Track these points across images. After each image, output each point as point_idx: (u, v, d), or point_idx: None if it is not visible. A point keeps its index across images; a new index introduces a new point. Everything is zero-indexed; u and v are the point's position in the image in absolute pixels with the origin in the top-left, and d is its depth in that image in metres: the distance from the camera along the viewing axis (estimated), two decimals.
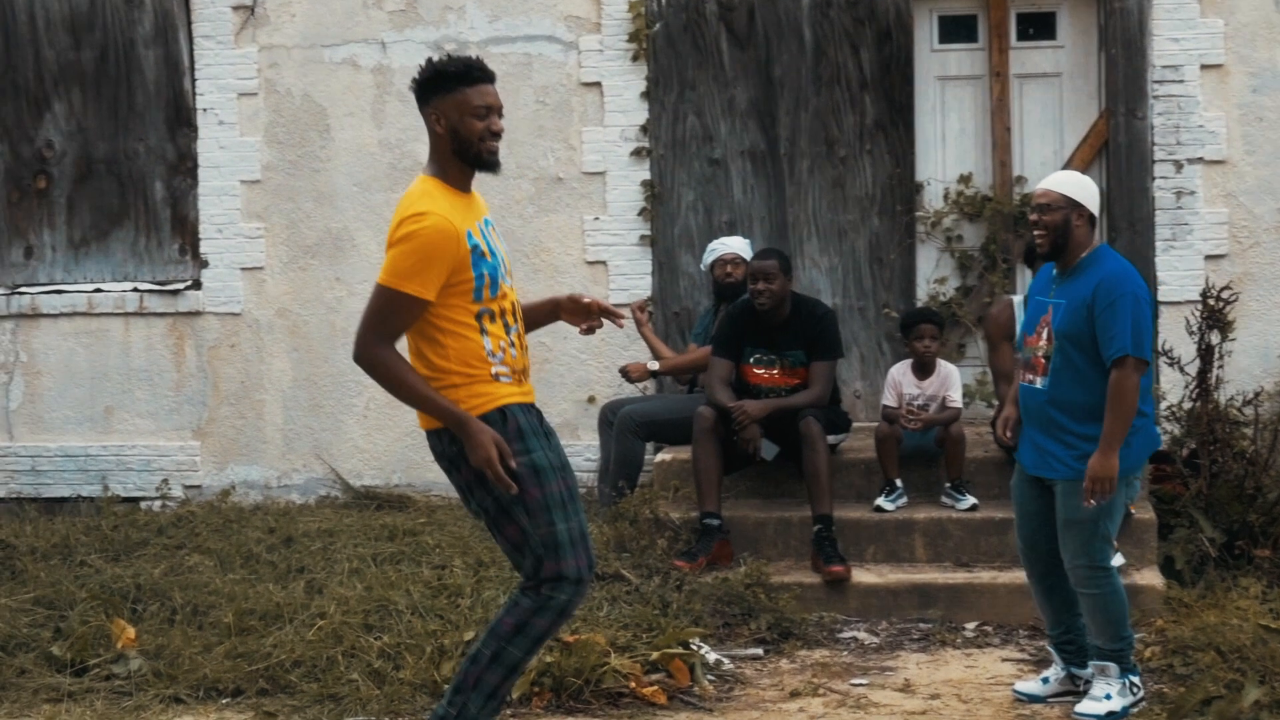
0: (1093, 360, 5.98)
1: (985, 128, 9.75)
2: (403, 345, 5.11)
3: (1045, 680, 6.44)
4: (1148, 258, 9.32)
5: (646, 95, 9.82)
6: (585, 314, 5.63)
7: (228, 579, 7.77)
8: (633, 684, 6.51)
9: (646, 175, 9.83)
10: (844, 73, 9.70)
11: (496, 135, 5.21)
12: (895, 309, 9.60)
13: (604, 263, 9.89)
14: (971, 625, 7.56)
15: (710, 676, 6.76)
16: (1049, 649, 6.53)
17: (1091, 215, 6.14)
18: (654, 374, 9.23)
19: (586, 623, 7.03)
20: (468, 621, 6.98)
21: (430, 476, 9.86)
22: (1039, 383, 6.12)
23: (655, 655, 6.66)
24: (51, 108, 10.30)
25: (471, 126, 5.14)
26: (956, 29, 9.83)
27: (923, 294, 9.71)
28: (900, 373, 8.44)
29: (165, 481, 10.10)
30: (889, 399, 8.39)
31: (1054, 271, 6.23)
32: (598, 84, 9.87)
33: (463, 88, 5.14)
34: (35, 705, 6.50)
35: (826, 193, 9.77)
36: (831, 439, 8.28)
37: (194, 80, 10.17)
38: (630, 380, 9.26)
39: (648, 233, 9.84)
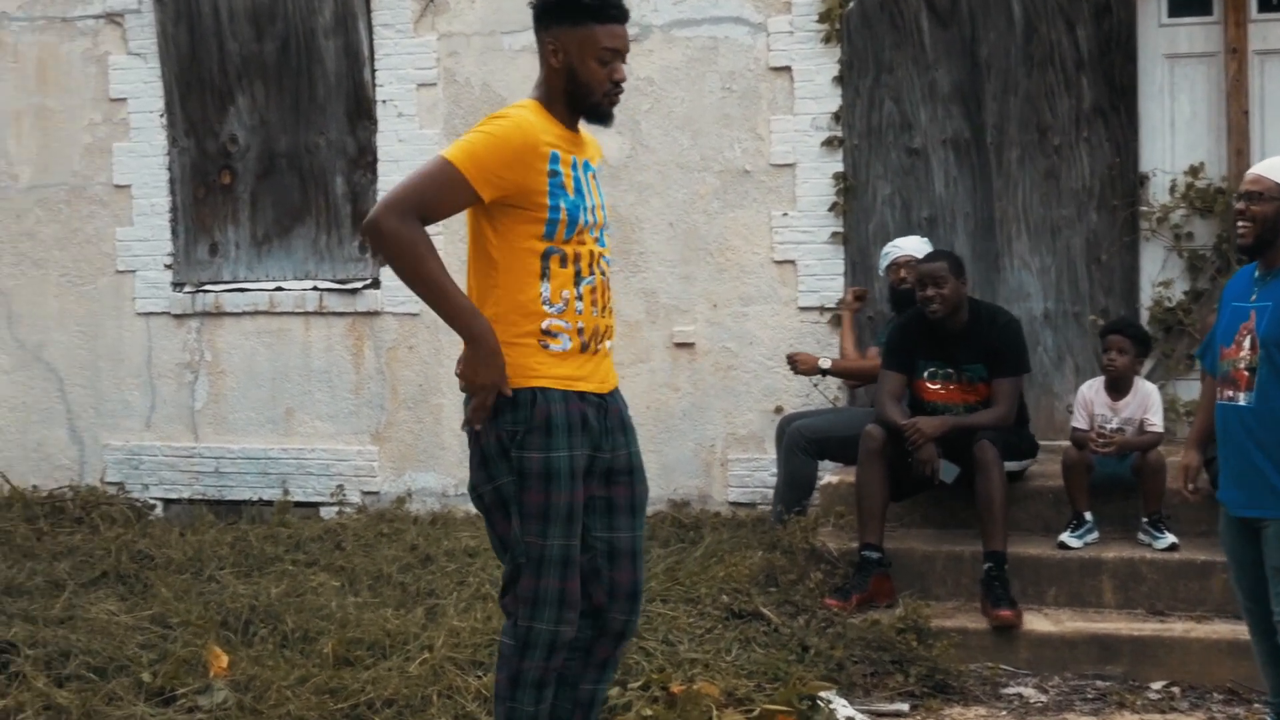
0: None
1: (1219, 111, 8.61)
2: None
3: None
4: None
5: (840, 80, 9.02)
6: None
7: (347, 602, 7.32)
8: None
9: (839, 167, 9.03)
10: (1058, 51, 8.74)
11: (618, 84, 4.54)
12: (1115, 315, 8.61)
13: (793, 262, 9.13)
14: (1158, 685, 6.57)
15: None
16: (1268, 709, 5.55)
17: None
18: (823, 372, 8.40)
19: (708, 669, 6.34)
20: None
21: None
22: (1241, 399, 5.13)
23: (765, 711, 5.94)
24: (235, 101, 10.04)
25: (592, 71, 4.50)
26: (1189, 2, 8.73)
27: (1146, 299, 8.66)
28: (1092, 391, 7.44)
29: (340, 488, 9.76)
30: (1078, 420, 7.42)
31: (1255, 273, 5.26)
32: (787, 68, 9.11)
33: (592, 24, 4.48)
34: None
35: (1038, 185, 8.82)
36: (1014, 465, 7.38)
37: (374, 71, 9.78)
38: (796, 371, 8.43)
39: (840, 230, 9.04)
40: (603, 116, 4.60)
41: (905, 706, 6.37)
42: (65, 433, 10.40)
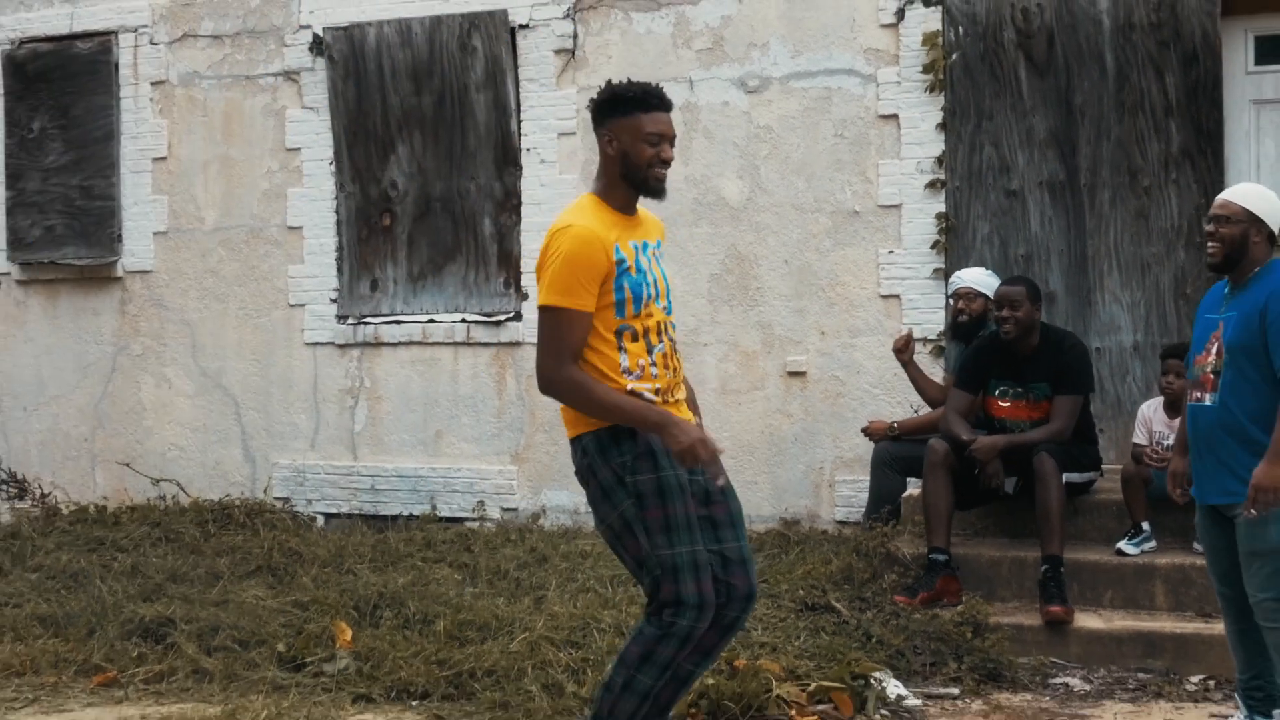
0: (1266, 374, 5.60)
1: None
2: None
3: None
4: None
5: (943, 126, 9.66)
6: None
7: (465, 593, 8.12)
8: (793, 712, 6.44)
9: (942, 208, 9.66)
10: (1148, 98, 9.26)
11: (666, 163, 5.28)
12: None
13: (897, 296, 9.76)
14: (1196, 678, 7.06)
15: (884, 710, 6.61)
16: (1236, 695, 6.07)
17: (1271, 232, 5.76)
18: (893, 438, 8.94)
19: (775, 651, 6.98)
20: None
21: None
22: (1207, 399, 5.76)
23: (824, 685, 6.57)
24: (396, 150, 11.00)
25: (642, 151, 5.22)
26: (1276, 49, 9.20)
27: None
28: (1151, 410, 7.97)
29: (481, 504, 10.59)
30: (1139, 437, 7.95)
31: (1226, 289, 5.84)
32: (895, 116, 9.78)
33: (638, 113, 5.24)
34: (248, 694, 6.99)
35: (1129, 225, 9.34)
36: (1077, 477, 7.92)
37: (519, 121, 10.67)
38: (873, 440, 9.04)
39: (942, 266, 9.64)
40: (655, 192, 5.31)
41: (956, 690, 6.94)
42: (240, 452, 11.42)
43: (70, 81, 11.86)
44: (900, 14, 9.70)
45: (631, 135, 5.22)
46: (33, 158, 11.97)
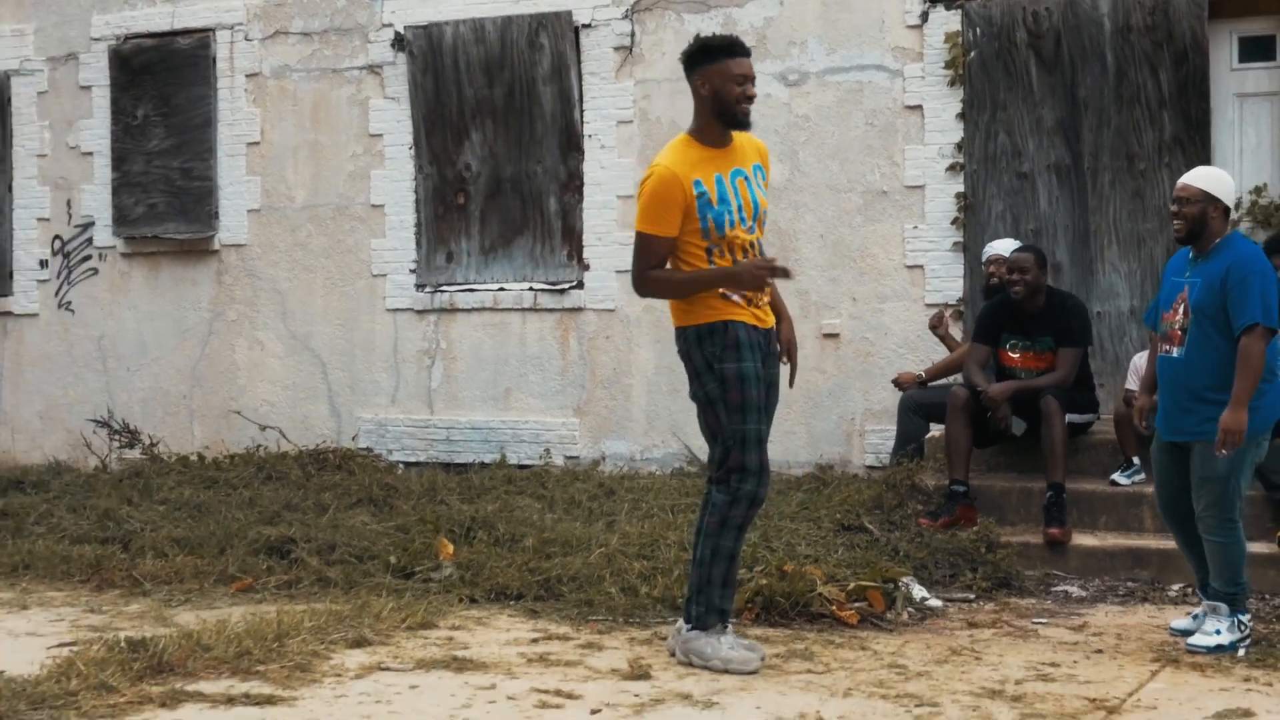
0: (1225, 333, 6.77)
1: None
2: None
3: (1195, 618, 7.19)
4: None
5: (962, 116, 10.86)
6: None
7: (547, 517, 9.37)
8: (834, 608, 7.65)
9: (960, 188, 10.86)
10: (1143, 92, 10.44)
11: (750, 99, 6.39)
12: None
13: (921, 267, 10.97)
14: (1176, 587, 8.29)
15: (911, 609, 7.82)
16: (1197, 591, 7.29)
17: (1227, 208, 6.95)
18: (922, 383, 10.19)
19: (818, 562, 8.20)
20: None
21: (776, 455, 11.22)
22: (1175, 352, 6.95)
23: (857, 586, 7.78)
24: (470, 136, 12.24)
25: (730, 90, 6.33)
26: (1256, 49, 10.41)
27: None
28: (1142, 360, 9.18)
29: (547, 451, 11.83)
30: (1130, 383, 9.17)
31: (1190, 256, 7.04)
32: (919, 107, 10.99)
33: (725, 59, 6.35)
34: (367, 596, 8.22)
35: (1127, 203, 10.52)
36: (1077, 418, 9.14)
37: (582, 111, 11.90)
38: (902, 389, 10.28)
39: (960, 240, 10.85)
40: (742, 124, 6.46)
41: (972, 595, 8.17)
42: (326, 408, 12.68)
43: (172, 74, 13.11)
44: (924, 16, 10.93)
45: (721, 77, 6.32)
46: (137, 142, 13.23)
